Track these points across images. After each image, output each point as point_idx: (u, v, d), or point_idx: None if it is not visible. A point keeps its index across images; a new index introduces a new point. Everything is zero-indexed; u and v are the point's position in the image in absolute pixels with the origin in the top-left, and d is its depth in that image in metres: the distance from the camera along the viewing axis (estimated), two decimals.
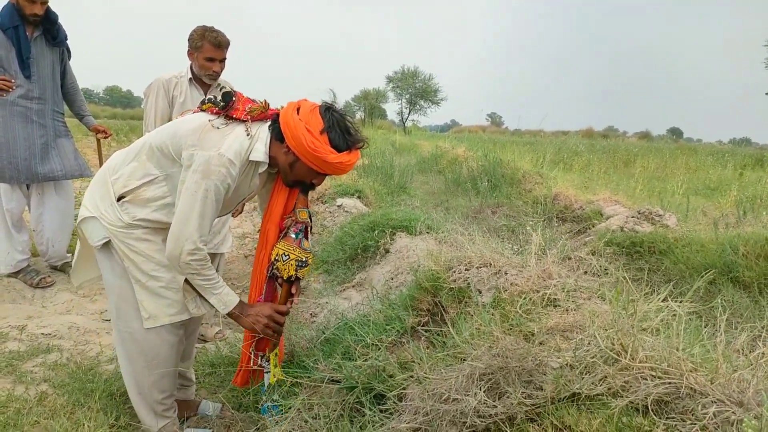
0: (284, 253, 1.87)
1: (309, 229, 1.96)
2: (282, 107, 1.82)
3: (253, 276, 1.99)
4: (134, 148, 1.85)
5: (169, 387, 2.03)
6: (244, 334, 2.03)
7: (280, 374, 1.96)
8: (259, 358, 1.99)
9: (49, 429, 2.05)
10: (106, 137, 4.00)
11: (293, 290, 1.98)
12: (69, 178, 3.70)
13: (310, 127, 1.69)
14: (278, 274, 1.91)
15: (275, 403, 1.88)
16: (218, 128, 1.71)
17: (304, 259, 1.90)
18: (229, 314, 1.84)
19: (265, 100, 1.81)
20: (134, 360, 1.92)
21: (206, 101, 1.81)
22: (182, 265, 1.71)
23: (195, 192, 1.64)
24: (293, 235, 1.90)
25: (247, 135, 1.73)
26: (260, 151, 1.75)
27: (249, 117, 1.76)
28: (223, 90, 1.79)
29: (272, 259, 1.90)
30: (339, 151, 1.73)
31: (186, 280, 1.81)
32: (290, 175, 1.83)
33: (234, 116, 1.75)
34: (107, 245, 1.84)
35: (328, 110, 1.75)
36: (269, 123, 1.79)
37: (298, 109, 1.75)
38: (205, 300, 1.84)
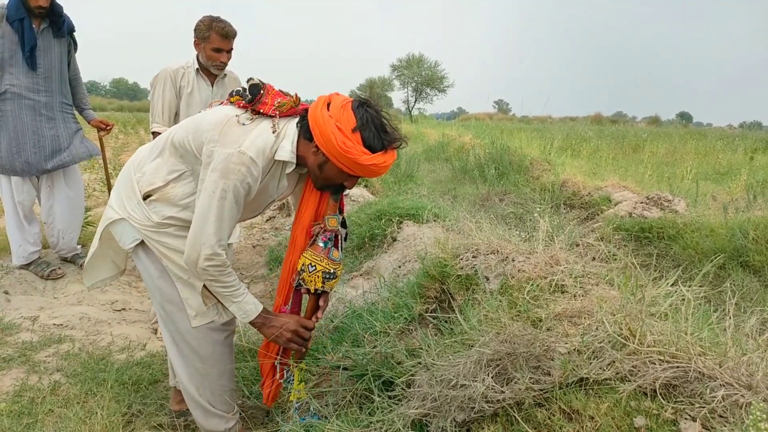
0: (310, 264, 1.72)
1: (340, 237, 1.79)
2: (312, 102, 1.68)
3: (279, 283, 1.86)
4: (159, 143, 1.75)
5: (230, 385, 1.92)
6: (263, 342, 1.89)
7: (303, 393, 1.84)
8: (285, 372, 1.85)
9: (63, 417, 2.09)
10: (107, 132, 3.97)
11: (321, 302, 1.83)
12: (78, 161, 3.69)
13: (340, 124, 1.53)
14: (303, 285, 1.77)
15: (305, 416, 1.78)
16: (243, 124, 1.58)
17: (331, 271, 1.73)
18: (252, 323, 1.71)
19: (296, 94, 1.67)
20: (189, 361, 1.81)
21: (234, 93, 1.66)
22: (199, 271, 1.59)
23: (213, 192, 1.52)
24: (321, 244, 1.74)
25: (273, 132, 1.59)
26: (286, 150, 1.61)
27: (277, 112, 1.61)
28: (251, 81, 1.63)
29: (298, 269, 1.76)
30: (373, 151, 1.55)
31: (205, 286, 1.71)
32: (320, 177, 1.67)
33: (261, 111, 1.61)
34: (140, 247, 1.74)
35: (361, 106, 1.57)
36: (298, 119, 1.64)
37: (328, 105, 1.58)
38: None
